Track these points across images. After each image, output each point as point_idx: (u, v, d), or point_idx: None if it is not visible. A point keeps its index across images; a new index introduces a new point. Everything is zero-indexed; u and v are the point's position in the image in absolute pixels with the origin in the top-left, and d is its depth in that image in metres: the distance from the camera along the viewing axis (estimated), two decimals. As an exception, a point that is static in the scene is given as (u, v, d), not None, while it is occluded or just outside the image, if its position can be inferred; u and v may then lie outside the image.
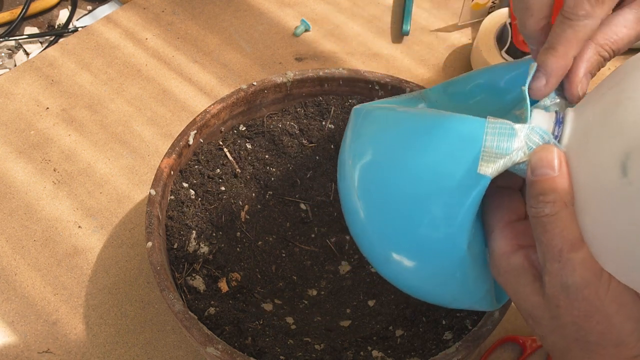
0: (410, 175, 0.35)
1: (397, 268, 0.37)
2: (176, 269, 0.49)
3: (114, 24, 0.79)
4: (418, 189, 0.34)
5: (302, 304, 0.54)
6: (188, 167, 0.55)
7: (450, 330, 0.48)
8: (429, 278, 0.37)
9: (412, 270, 0.37)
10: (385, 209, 0.36)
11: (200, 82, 0.74)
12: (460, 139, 0.33)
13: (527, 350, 0.55)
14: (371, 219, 0.37)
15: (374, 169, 0.37)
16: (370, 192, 0.37)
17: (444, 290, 0.38)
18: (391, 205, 0.36)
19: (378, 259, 0.39)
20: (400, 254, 0.36)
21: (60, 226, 0.62)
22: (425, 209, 0.34)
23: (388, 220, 0.36)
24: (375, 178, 0.37)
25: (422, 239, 0.35)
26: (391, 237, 0.36)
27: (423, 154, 0.34)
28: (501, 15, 0.73)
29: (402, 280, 0.38)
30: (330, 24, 0.80)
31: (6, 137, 0.68)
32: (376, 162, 0.37)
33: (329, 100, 0.60)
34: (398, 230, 0.36)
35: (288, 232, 0.59)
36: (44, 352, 0.54)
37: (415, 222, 0.35)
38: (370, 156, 0.38)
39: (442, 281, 0.37)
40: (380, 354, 0.47)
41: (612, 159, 0.28)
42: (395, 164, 0.36)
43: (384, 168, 0.36)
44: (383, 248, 0.37)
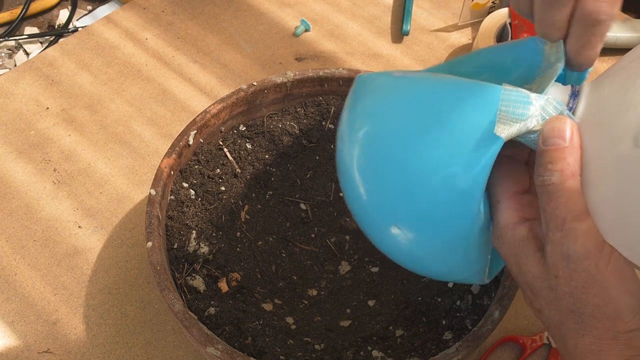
0: (421, 140, 0.34)
1: (400, 238, 0.37)
2: (176, 269, 0.49)
3: (114, 24, 0.79)
4: (430, 154, 0.34)
5: (302, 304, 0.54)
6: (188, 167, 0.55)
7: (450, 330, 0.48)
8: (433, 248, 0.37)
9: (417, 240, 0.36)
10: (391, 179, 0.35)
11: (200, 82, 0.73)
12: (476, 102, 0.33)
13: (527, 350, 0.55)
14: (375, 189, 0.37)
15: (380, 136, 0.36)
16: (375, 161, 0.36)
17: (445, 260, 0.37)
18: (399, 174, 0.35)
19: (379, 230, 0.38)
20: (407, 223, 0.36)
21: (60, 226, 0.62)
22: (437, 174, 0.34)
23: (395, 190, 0.35)
24: (381, 145, 0.36)
25: (433, 206, 0.35)
26: (398, 207, 0.36)
27: (436, 117, 0.34)
28: (501, 15, 0.73)
29: (403, 252, 0.38)
30: (330, 24, 0.80)
31: (6, 137, 0.68)
32: (382, 128, 0.36)
33: (329, 100, 0.60)
34: (406, 200, 0.35)
35: (288, 232, 0.59)
36: (44, 352, 0.54)
37: (426, 190, 0.34)
38: (374, 122, 0.37)
39: (446, 250, 0.36)
40: (380, 354, 0.47)
41: (627, 130, 0.28)
42: (404, 129, 0.35)
43: (391, 134, 0.36)
44: (387, 219, 0.37)
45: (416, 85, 0.37)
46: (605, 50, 0.76)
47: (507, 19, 0.71)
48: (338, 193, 0.61)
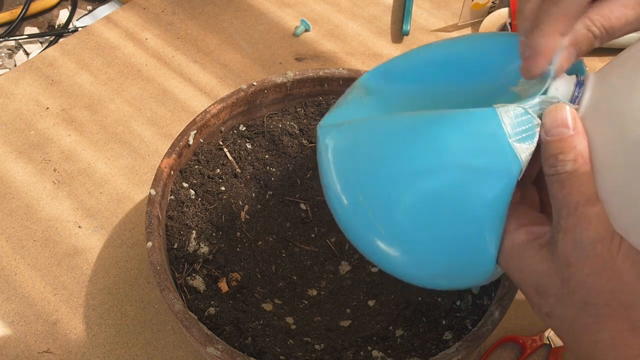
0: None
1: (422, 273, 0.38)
2: (176, 269, 0.49)
3: (114, 24, 0.79)
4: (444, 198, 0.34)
5: (302, 304, 0.54)
6: (188, 167, 0.55)
7: (450, 330, 0.48)
8: (451, 280, 0.37)
9: (433, 270, 0.37)
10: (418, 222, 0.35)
11: (200, 82, 0.74)
12: (478, 136, 0.32)
13: (527, 350, 0.55)
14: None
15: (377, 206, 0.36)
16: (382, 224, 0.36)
17: (454, 284, 0.38)
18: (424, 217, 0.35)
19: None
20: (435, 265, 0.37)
21: (60, 226, 0.62)
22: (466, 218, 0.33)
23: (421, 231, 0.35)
24: (381, 212, 0.36)
25: (458, 249, 0.35)
26: None
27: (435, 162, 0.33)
28: (501, 15, 0.73)
29: (417, 278, 0.39)
30: (330, 24, 0.80)
31: (6, 137, 0.68)
32: (376, 194, 0.36)
33: (329, 100, 0.60)
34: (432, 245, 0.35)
35: (288, 232, 0.59)
36: (44, 352, 0.54)
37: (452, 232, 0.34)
38: (366, 189, 0.36)
39: (465, 273, 0.37)
40: (380, 354, 0.47)
41: (637, 115, 0.28)
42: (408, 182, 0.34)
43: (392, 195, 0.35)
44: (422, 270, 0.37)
45: (405, 132, 0.35)
46: (605, 50, 0.76)
47: (507, 19, 0.71)
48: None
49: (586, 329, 0.31)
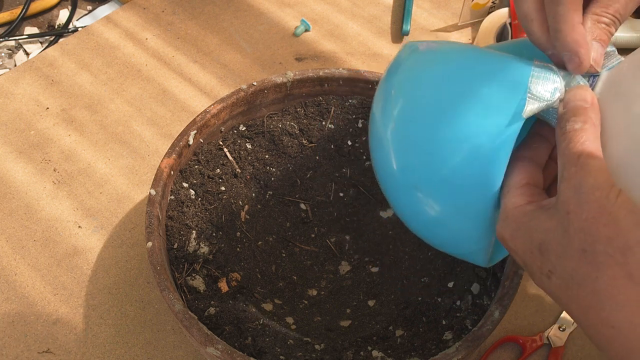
0: (452, 108, 0.36)
1: (419, 200, 0.38)
2: (176, 269, 0.49)
3: (114, 24, 0.79)
4: (459, 123, 0.36)
5: (302, 304, 0.54)
6: (188, 167, 0.55)
7: (450, 330, 0.48)
8: (447, 212, 0.38)
9: (434, 202, 0.38)
10: (420, 142, 0.37)
11: (200, 82, 0.74)
12: (506, 76, 0.35)
13: (527, 350, 0.55)
14: (404, 152, 0.38)
15: (414, 103, 0.38)
16: (407, 126, 0.38)
17: (455, 227, 0.38)
18: (427, 138, 0.37)
19: (400, 191, 0.40)
20: (428, 186, 0.38)
21: (60, 226, 0.62)
22: (463, 141, 0.35)
23: (422, 154, 0.37)
24: (413, 111, 0.38)
25: (455, 172, 0.36)
26: (423, 170, 0.37)
27: (467, 88, 0.36)
28: (501, 15, 0.73)
29: (418, 214, 0.39)
30: (330, 24, 0.80)
31: (6, 137, 0.68)
32: (416, 95, 0.38)
33: (329, 100, 0.60)
34: (431, 163, 0.37)
35: (288, 232, 0.59)
36: (44, 352, 0.54)
37: (451, 155, 0.36)
38: (409, 89, 0.39)
39: (459, 217, 0.38)
40: (380, 354, 0.47)
41: None
42: (437, 97, 0.37)
43: (424, 102, 0.37)
44: (410, 180, 0.38)
45: (452, 57, 0.39)
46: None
47: (507, 19, 0.71)
48: (338, 193, 0.61)
49: (584, 280, 0.31)
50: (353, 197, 0.61)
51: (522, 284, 0.58)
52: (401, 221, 0.44)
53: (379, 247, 0.59)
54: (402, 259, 0.57)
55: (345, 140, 0.60)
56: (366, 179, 0.60)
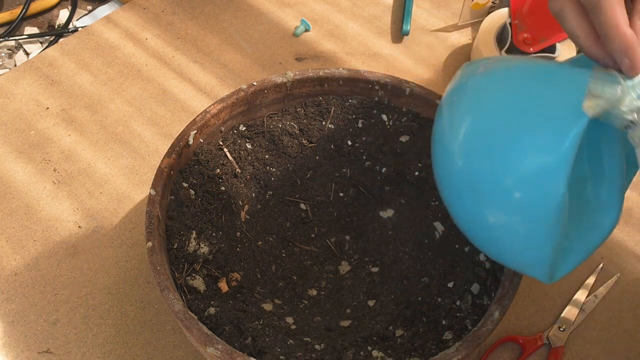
0: (514, 119, 0.37)
1: (482, 208, 0.39)
2: (176, 269, 0.49)
3: (114, 24, 0.79)
4: (521, 133, 0.36)
5: (302, 304, 0.54)
6: (188, 167, 0.55)
7: (450, 330, 0.48)
8: (510, 221, 0.38)
9: (498, 211, 0.38)
10: (485, 151, 0.38)
11: (200, 82, 0.74)
12: (566, 82, 0.36)
13: (527, 350, 0.55)
14: (469, 161, 0.39)
15: (479, 115, 0.39)
16: (472, 136, 0.39)
17: (516, 236, 0.38)
18: (492, 147, 0.37)
19: (463, 199, 0.40)
20: (492, 194, 0.38)
21: (60, 226, 0.62)
22: (526, 151, 0.36)
23: (487, 162, 0.38)
24: (478, 123, 0.39)
25: (518, 181, 0.36)
26: (487, 178, 0.38)
27: (528, 98, 0.37)
28: (501, 15, 0.73)
29: (480, 222, 0.40)
30: (330, 24, 0.80)
31: (6, 137, 0.68)
32: (480, 108, 0.39)
33: (329, 100, 0.60)
34: (495, 172, 0.37)
35: (288, 232, 0.59)
36: (44, 352, 0.54)
37: (514, 164, 0.36)
38: (474, 102, 0.40)
39: (521, 225, 0.38)
40: (380, 354, 0.47)
41: None
42: (500, 109, 0.38)
43: (488, 113, 0.38)
44: (473, 188, 0.39)
45: (512, 71, 0.40)
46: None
47: (507, 19, 0.71)
48: (338, 193, 0.61)
49: None
50: (353, 197, 0.61)
51: (522, 284, 0.58)
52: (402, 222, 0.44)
53: (379, 247, 0.59)
54: (402, 259, 0.57)
55: (345, 140, 0.60)
56: (366, 179, 0.60)
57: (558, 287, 0.59)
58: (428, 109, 0.58)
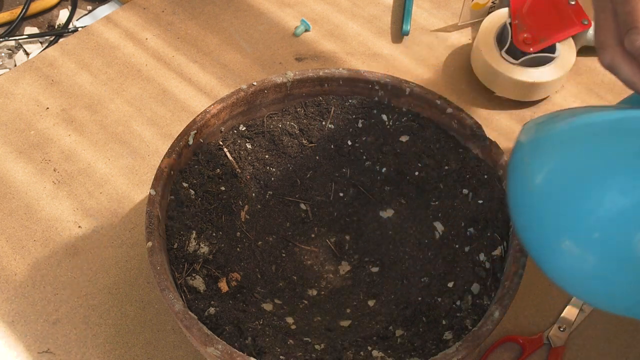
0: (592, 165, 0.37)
1: (578, 260, 0.38)
2: (176, 269, 0.49)
3: (114, 24, 0.79)
4: (600, 174, 0.37)
5: (302, 304, 0.54)
6: (188, 167, 0.55)
7: (450, 330, 0.48)
8: (607, 266, 0.38)
9: (593, 257, 0.38)
10: (573, 201, 0.38)
11: (200, 82, 0.74)
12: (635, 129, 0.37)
13: (527, 350, 0.55)
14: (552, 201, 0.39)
15: (559, 168, 0.39)
16: (558, 188, 0.39)
17: (617, 281, 0.38)
18: (579, 197, 0.37)
19: (557, 253, 0.40)
20: (583, 240, 0.38)
21: (60, 226, 0.62)
22: (608, 189, 0.36)
23: (575, 210, 0.38)
24: (561, 174, 0.39)
25: (608, 223, 0.36)
26: (576, 225, 0.38)
27: (603, 145, 0.38)
28: (501, 15, 0.73)
29: (584, 278, 0.40)
30: (330, 24, 0.80)
31: (6, 137, 0.68)
32: (562, 160, 0.39)
33: (329, 100, 0.60)
34: (584, 217, 0.37)
35: (288, 232, 0.59)
36: (44, 352, 0.54)
37: (596, 204, 0.36)
38: (553, 158, 0.40)
39: (620, 268, 0.37)
40: (380, 354, 0.47)
41: None
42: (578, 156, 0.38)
43: (568, 167, 0.39)
44: (563, 238, 0.38)
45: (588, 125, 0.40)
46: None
47: (507, 19, 0.71)
48: (338, 193, 0.61)
49: None
50: (353, 197, 0.61)
51: (522, 284, 0.58)
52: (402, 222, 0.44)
53: (379, 247, 0.59)
54: (402, 259, 0.57)
55: (345, 140, 0.60)
56: (366, 179, 0.60)
57: (558, 287, 0.59)
58: (428, 109, 0.58)
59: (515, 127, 0.70)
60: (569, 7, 0.71)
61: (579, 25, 0.70)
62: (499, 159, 0.53)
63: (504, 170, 0.52)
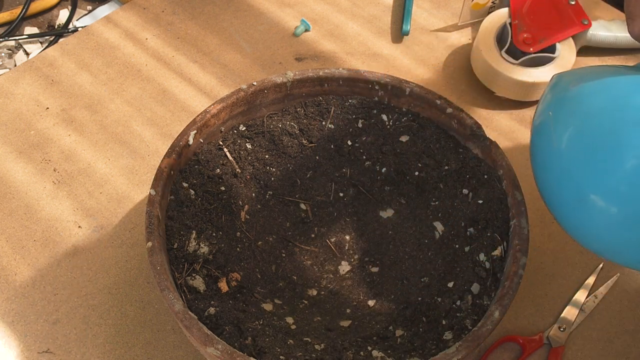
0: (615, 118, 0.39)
1: (600, 214, 0.40)
2: (176, 269, 0.49)
3: (114, 24, 0.79)
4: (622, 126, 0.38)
5: (302, 304, 0.54)
6: (188, 167, 0.55)
7: (450, 330, 0.48)
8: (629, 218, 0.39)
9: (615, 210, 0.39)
10: (597, 155, 0.39)
11: (200, 82, 0.74)
12: None
13: (527, 350, 0.55)
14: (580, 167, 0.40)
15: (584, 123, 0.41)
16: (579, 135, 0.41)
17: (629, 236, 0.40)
18: (596, 145, 0.39)
19: (574, 203, 0.41)
20: (604, 194, 0.39)
21: (60, 226, 0.62)
22: (630, 142, 0.38)
23: (599, 164, 0.39)
24: (586, 129, 0.40)
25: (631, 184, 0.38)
26: (600, 179, 0.39)
27: (625, 97, 0.39)
28: (501, 15, 0.73)
29: (594, 224, 0.41)
30: (330, 24, 0.80)
31: (6, 137, 0.68)
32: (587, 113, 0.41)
33: (329, 100, 0.60)
34: (608, 170, 0.39)
35: (288, 232, 0.59)
36: (44, 352, 0.54)
37: (627, 157, 0.38)
38: (579, 112, 0.41)
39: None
40: (380, 354, 0.47)
41: None
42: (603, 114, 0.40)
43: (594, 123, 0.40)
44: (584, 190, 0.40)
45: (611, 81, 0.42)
46: (605, 50, 0.76)
47: (507, 19, 0.71)
48: (338, 193, 0.61)
49: None
50: (353, 197, 0.61)
51: (522, 284, 0.58)
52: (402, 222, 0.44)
53: (379, 247, 0.59)
54: (402, 259, 0.57)
55: (345, 140, 0.60)
56: (366, 179, 0.60)
57: (558, 287, 0.59)
58: (428, 109, 0.58)
59: (515, 127, 0.70)
60: (569, 7, 0.71)
61: (579, 25, 0.70)
62: (499, 159, 0.53)
63: (504, 170, 0.52)
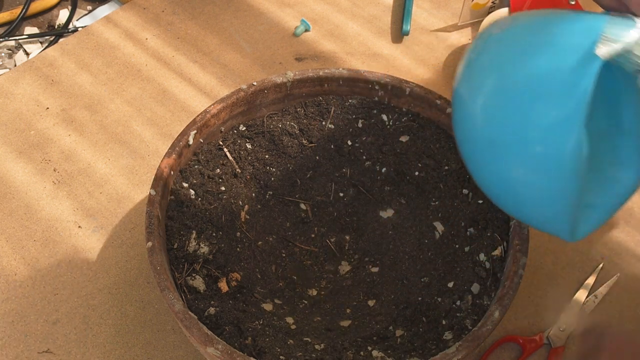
0: (527, 64, 0.37)
1: (500, 160, 0.38)
2: (176, 269, 0.49)
3: (114, 24, 0.79)
4: (535, 78, 0.36)
5: (302, 304, 0.54)
6: (188, 167, 0.55)
7: (450, 330, 0.48)
8: (527, 170, 0.37)
9: (516, 162, 0.38)
10: (499, 102, 0.38)
11: (200, 82, 0.74)
12: (580, 26, 0.36)
13: (527, 350, 0.55)
14: (486, 114, 0.39)
15: (494, 65, 0.39)
16: (487, 89, 0.39)
17: (534, 187, 0.38)
18: (507, 97, 0.37)
19: (481, 153, 0.40)
20: (509, 145, 0.38)
21: (60, 226, 0.62)
22: (542, 96, 0.36)
23: (502, 112, 0.38)
24: (494, 72, 0.39)
25: (535, 129, 0.36)
26: (503, 129, 0.38)
27: (542, 42, 0.37)
28: (501, 15, 0.73)
29: (499, 175, 0.39)
30: (330, 24, 0.80)
31: (6, 137, 0.68)
32: (494, 58, 0.39)
33: (329, 100, 0.60)
34: (512, 122, 0.37)
35: (288, 232, 0.59)
36: (44, 352, 0.54)
37: (529, 111, 0.36)
38: (489, 52, 0.40)
39: (539, 175, 0.37)
40: (380, 354, 0.47)
41: None
42: (514, 57, 0.38)
43: (502, 61, 0.38)
44: (491, 139, 0.39)
45: (525, 24, 0.40)
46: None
47: (507, 19, 0.71)
48: (338, 193, 0.61)
49: None
50: (353, 197, 0.61)
51: (522, 284, 0.58)
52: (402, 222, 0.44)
53: (379, 247, 0.59)
54: (402, 259, 0.57)
55: (345, 140, 0.60)
56: (366, 178, 0.60)
57: (558, 287, 0.59)
58: (428, 109, 0.58)
59: (515, 127, 0.70)
60: (568, 7, 0.71)
61: (579, 25, 0.70)
62: (499, 159, 0.53)
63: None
